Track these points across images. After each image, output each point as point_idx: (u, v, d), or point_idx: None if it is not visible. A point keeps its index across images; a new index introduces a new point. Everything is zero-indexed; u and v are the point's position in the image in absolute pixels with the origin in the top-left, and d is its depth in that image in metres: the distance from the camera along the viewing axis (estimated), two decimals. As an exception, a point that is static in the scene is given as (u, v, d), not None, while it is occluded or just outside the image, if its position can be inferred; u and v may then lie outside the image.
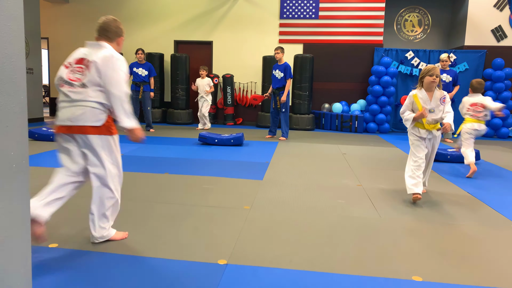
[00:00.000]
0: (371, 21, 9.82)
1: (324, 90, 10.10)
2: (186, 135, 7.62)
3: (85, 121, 2.27)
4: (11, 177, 1.28)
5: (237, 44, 10.20)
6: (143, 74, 7.93)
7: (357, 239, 2.62)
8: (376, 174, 4.63)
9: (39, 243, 2.23)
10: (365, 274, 2.12)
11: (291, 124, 9.24)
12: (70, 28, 10.72)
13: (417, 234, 2.74)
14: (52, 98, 11.17)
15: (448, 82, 7.75)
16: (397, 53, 9.65)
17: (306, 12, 9.94)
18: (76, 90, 2.30)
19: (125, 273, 2.05)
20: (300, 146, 6.66)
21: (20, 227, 1.34)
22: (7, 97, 1.24)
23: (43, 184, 3.72)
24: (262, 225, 2.81)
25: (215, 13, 10.22)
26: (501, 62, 9.05)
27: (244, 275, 2.06)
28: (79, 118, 2.26)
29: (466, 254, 2.43)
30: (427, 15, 10.58)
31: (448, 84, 7.74)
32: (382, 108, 9.28)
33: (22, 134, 1.32)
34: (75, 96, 2.29)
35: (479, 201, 3.63)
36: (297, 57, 9.42)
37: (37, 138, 6.33)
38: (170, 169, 4.57)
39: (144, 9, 10.42)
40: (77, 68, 2.36)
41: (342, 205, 3.36)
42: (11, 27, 1.25)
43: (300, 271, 2.13)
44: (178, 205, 3.22)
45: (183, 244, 2.45)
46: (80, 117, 2.26)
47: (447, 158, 5.51)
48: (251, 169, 4.67)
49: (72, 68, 2.39)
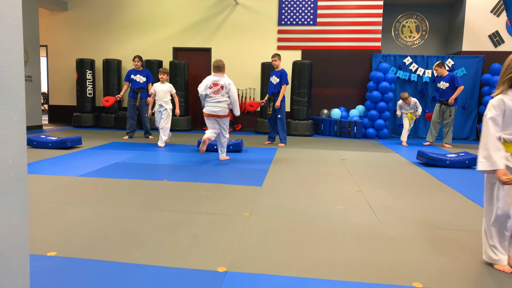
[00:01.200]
0: (369, 27, 9.88)
1: (323, 96, 10.13)
2: (184, 142, 7.61)
3: (222, 112, 5.43)
4: (9, 186, 1.28)
5: (236, 50, 10.24)
6: (141, 81, 7.94)
7: (357, 245, 2.61)
8: (376, 180, 4.63)
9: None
10: (365, 280, 2.11)
11: (290, 130, 9.25)
12: (69, 35, 10.76)
13: (417, 240, 2.74)
14: (51, 106, 11.18)
15: (445, 89, 7.77)
16: (395, 58, 9.69)
17: (304, 19, 9.99)
18: (217, 98, 5.41)
19: (124, 281, 2.04)
20: (299, 152, 6.66)
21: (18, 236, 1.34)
22: (5, 106, 1.24)
23: (42, 192, 3.72)
24: (261, 232, 2.80)
25: (213, 20, 10.27)
26: (499, 67, 9.08)
27: (244, 283, 2.05)
28: (219, 112, 5.41)
29: (466, 260, 2.42)
30: (424, 21, 10.64)
31: (445, 91, 7.77)
32: (381, 113, 9.31)
33: (20, 143, 1.32)
34: (217, 99, 5.41)
35: (479, 206, 3.62)
36: (296, 63, 9.45)
37: (36, 145, 6.32)
38: (169, 176, 4.56)
39: (143, 17, 10.47)
40: (215, 87, 5.42)
41: (342, 211, 3.36)
42: (10, 35, 1.25)
43: (300, 278, 2.12)
44: (176, 212, 3.21)
45: (182, 251, 2.44)
46: (221, 111, 5.41)
47: (446, 163, 5.51)
48: (250, 176, 4.67)
49: (213, 88, 5.42)
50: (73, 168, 4.84)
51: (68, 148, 6.35)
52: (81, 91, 10.28)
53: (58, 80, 11.00)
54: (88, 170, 4.73)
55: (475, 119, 9.64)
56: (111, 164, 5.16)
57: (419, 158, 5.84)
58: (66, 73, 10.91)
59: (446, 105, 7.78)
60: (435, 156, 5.57)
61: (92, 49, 10.71)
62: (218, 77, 5.41)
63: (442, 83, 7.86)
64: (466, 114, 9.65)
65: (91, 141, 7.38)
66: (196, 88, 9.38)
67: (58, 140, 6.32)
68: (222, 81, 5.40)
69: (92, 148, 6.48)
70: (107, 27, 10.63)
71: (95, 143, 7.07)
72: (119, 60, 10.35)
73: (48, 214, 3.08)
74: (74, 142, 6.50)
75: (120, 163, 5.26)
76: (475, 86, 9.50)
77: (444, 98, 7.80)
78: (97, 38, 10.70)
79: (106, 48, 10.67)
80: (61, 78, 10.97)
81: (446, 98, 7.76)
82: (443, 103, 7.84)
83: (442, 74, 7.89)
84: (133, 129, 8.08)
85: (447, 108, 7.80)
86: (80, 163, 5.23)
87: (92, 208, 3.25)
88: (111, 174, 4.59)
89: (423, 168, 5.46)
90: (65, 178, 4.30)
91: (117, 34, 10.61)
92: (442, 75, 7.88)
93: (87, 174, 4.55)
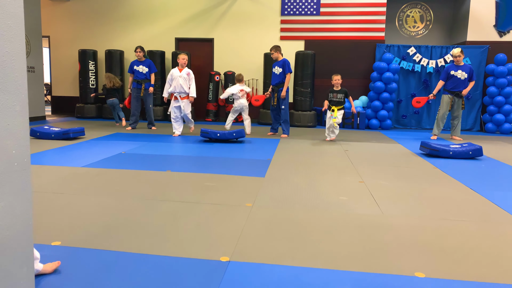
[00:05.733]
0: (372, 17, 9.79)
1: (326, 86, 10.02)
2: (187, 133, 7.62)
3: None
4: (13, 176, 1.28)
5: (238, 41, 10.19)
6: (144, 71, 7.93)
7: (360, 235, 2.61)
8: (378, 171, 4.62)
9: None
10: (367, 270, 2.12)
11: (293, 121, 9.23)
12: (71, 26, 10.72)
13: (420, 230, 2.74)
14: (54, 97, 11.19)
15: (464, 79, 7.27)
16: (399, 49, 9.62)
17: (307, 9, 9.90)
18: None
19: (128, 270, 2.05)
20: (302, 143, 6.66)
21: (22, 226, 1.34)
22: (8, 96, 1.24)
23: (45, 182, 3.74)
24: (264, 222, 2.81)
25: (216, 10, 10.20)
26: (503, 58, 9.01)
27: (247, 272, 2.07)
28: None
29: (469, 250, 2.43)
30: (429, 10, 10.53)
31: (464, 81, 7.28)
32: (384, 104, 9.27)
33: (23, 133, 1.32)
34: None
35: (482, 197, 3.62)
36: (299, 53, 9.40)
37: (39, 136, 6.34)
38: (172, 167, 4.57)
39: (145, 7, 10.41)
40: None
41: (344, 202, 3.36)
42: (11, 25, 1.24)
43: (302, 268, 2.13)
44: (180, 203, 3.22)
45: (186, 241, 2.45)
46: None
47: (449, 154, 5.49)
48: (253, 167, 4.67)
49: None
50: (76, 159, 4.85)
51: (71, 139, 6.37)
52: (84, 82, 10.27)
53: (61, 71, 10.99)
54: (91, 161, 4.75)
55: (479, 110, 9.58)
56: (114, 155, 5.17)
57: (422, 149, 5.82)
58: (68, 64, 10.89)
59: (460, 97, 7.33)
60: (438, 147, 5.55)
61: (95, 39, 10.68)
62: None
63: (460, 72, 7.27)
64: (470, 105, 9.60)
65: (94, 132, 7.40)
66: (199, 78, 9.38)
67: (61, 131, 6.33)
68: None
69: (95, 139, 6.50)
70: (109, 18, 10.58)
71: (98, 134, 7.08)
72: (122, 50, 10.31)
73: (52, 204, 3.09)
74: (77, 133, 6.51)
75: (123, 154, 5.27)
76: (479, 77, 9.43)
77: (459, 89, 7.29)
78: (99, 29, 10.66)
79: (109, 39, 10.63)
80: (63, 69, 10.97)
81: (460, 89, 7.28)
82: (456, 95, 7.33)
83: (460, 62, 7.36)
84: (135, 120, 8.08)
85: (459, 100, 7.34)
86: (83, 154, 5.24)
87: (96, 199, 3.27)
88: (114, 165, 4.60)
89: (426, 159, 5.44)
90: (68, 169, 4.31)
91: (120, 24, 10.57)
92: (460, 63, 7.35)
93: (90, 164, 4.56)
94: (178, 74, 7.14)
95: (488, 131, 9.22)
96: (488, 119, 9.30)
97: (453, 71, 7.34)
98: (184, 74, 7.17)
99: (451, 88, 7.35)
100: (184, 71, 7.19)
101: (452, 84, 7.34)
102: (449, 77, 7.39)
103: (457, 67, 7.33)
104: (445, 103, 7.41)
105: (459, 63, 7.34)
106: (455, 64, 7.39)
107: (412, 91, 9.69)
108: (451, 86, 7.35)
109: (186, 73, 7.18)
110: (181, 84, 7.11)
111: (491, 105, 9.17)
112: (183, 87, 7.13)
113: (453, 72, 7.34)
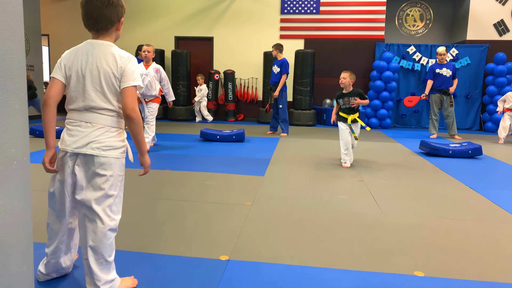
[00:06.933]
0: (372, 16, 9.78)
1: (326, 85, 10.07)
2: (187, 132, 7.61)
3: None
4: (12, 174, 1.28)
5: (238, 39, 10.17)
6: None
7: (359, 234, 2.62)
8: (378, 170, 4.63)
9: None
10: (367, 269, 2.12)
11: (292, 120, 9.22)
12: (70, 24, 10.69)
13: (419, 229, 2.74)
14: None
15: (449, 77, 7.45)
16: (399, 48, 9.61)
17: (307, 7, 9.89)
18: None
19: (127, 269, 2.05)
20: (301, 142, 6.65)
21: (22, 224, 1.34)
22: (7, 94, 1.24)
23: (44, 181, 3.73)
24: (263, 221, 2.81)
25: (215, 8, 10.19)
26: (503, 57, 9.00)
27: (246, 271, 2.07)
28: None
29: (468, 248, 2.43)
30: (428, 9, 10.52)
31: (449, 79, 7.46)
32: (384, 103, 9.26)
33: (23, 131, 1.31)
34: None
35: (481, 196, 3.62)
36: (298, 52, 9.39)
37: (38, 135, 6.34)
38: (172, 166, 4.57)
39: (144, 5, 10.39)
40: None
41: (344, 201, 3.36)
42: (11, 24, 1.24)
43: (302, 267, 2.13)
44: (179, 201, 3.22)
45: (185, 240, 2.45)
46: None
47: (449, 153, 5.49)
48: (253, 165, 4.67)
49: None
50: (75, 158, 4.84)
51: (71, 138, 6.35)
52: (83, 81, 10.23)
53: (60, 69, 10.96)
54: (91, 160, 4.73)
55: (479, 109, 9.58)
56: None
57: (421, 148, 5.83)
58: (68, 63, 10.86)
59: (447, 95, 7.47)
60: (437, 146, 5.55)
61: (94, 38, 10.64)
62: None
63: (445, 70, 7.45)
64: (469, 104, 9.60)
65: (94, 130, 7.37)
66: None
67: (60, 130, 6.31)
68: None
69: (95, 138, 6.47)
70: (109, 16, 10.56)
71: (98, 133, 7.05)
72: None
73: (52, 203, 3.09)
74: (77, 131, 6.49)
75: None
76: (479, 76, 9.42)
77: (445, 87, 7.44)
78: (98, 27, 10.63)
79: (108, 37, 10.60)
80: (63, 67, 10.93)
81: (447, 87, 7.43)
82: (444, 93, 7.48)
83: (444, 61, 7.55)
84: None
85: (447, 98, 7.47)
86: (83, 152, 5.22)
87: (95, 197, 3.26)
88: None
89: (426, 158, 5.44)
90: (68, 167, 4.30)
91: (119, 23, 10.54)
92: (444, 62, 7.54)
93: (90, 163, 4.55)
94: (144, 72, 5.32)
95: (488, 130, 9.22)
96: (487, 118, 9.29)
97: (438, 69, 7.54)
98: (152, 71, 5.40)
99: (438, 86, 7.53)
100: (152, 68, 5.43)
101: (439, 82, 7.52)
102: (435, 76, 7.58)
103: (442, 65, 7.55)
104: (434, 102, 7.63)
105: (443, 61, 7.55)
106: (439, 63, 7.60)
107: (411, 90, 9.69)
108: (438, 84, 7.53)
109: (155, 69, 5.42)
110: (147, 85, 5.34)
111: (491, 104, 9.17)
112: (149, 88, 5.37)
113: (438, 70, 7.53)
